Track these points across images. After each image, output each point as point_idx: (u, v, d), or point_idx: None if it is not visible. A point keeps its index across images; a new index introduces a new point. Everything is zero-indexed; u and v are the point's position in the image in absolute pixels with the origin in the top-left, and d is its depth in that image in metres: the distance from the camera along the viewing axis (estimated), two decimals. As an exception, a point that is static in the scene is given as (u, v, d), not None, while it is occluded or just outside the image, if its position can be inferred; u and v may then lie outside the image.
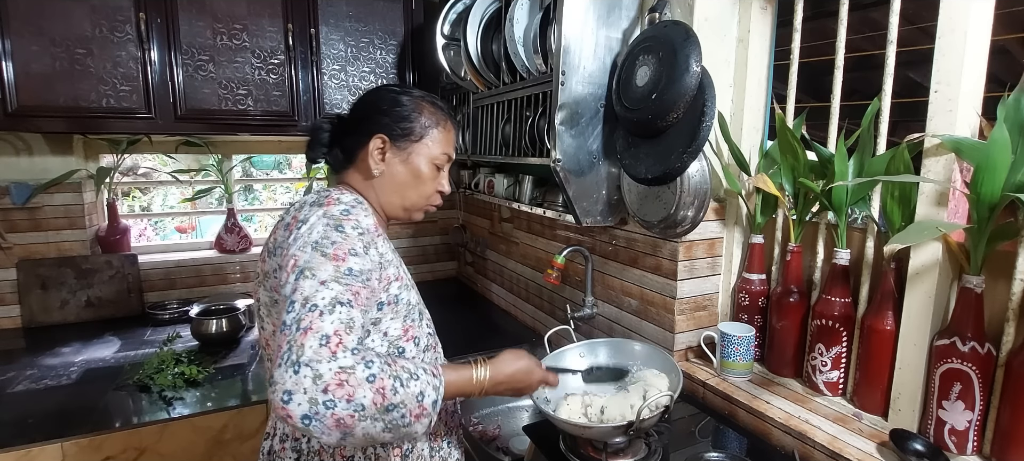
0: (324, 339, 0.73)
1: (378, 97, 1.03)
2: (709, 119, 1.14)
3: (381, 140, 0.99)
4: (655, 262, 1.48)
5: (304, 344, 0.72)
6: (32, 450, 1.33)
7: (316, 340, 0.72)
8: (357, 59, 2.18)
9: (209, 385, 1.65)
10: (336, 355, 0.72)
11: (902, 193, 1.10)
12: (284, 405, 0.69)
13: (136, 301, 2.28)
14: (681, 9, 1.37)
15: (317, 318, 0.75)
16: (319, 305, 0.76)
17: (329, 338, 0.73)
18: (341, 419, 0.70)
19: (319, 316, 0.75)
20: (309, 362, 0.70)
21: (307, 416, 0.69)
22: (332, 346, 0.73)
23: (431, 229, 2.86)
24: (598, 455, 1.12)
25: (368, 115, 1.01)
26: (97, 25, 1.79)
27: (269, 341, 0.95)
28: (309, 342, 0.72)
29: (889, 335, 1.12)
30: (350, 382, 0.71)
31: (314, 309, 0.75)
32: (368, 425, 0.73)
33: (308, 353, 0.71)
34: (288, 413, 0.69)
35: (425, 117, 1.02)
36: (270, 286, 0.91)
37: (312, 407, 0.69)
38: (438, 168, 1.05)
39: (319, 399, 0.69)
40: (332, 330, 0.74)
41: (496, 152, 1.77)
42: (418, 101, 1.03)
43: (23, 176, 2.08)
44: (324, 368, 0.70)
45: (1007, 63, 2.40)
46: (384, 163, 1.00)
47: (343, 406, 0.70)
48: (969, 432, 0.99)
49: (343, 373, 0.71)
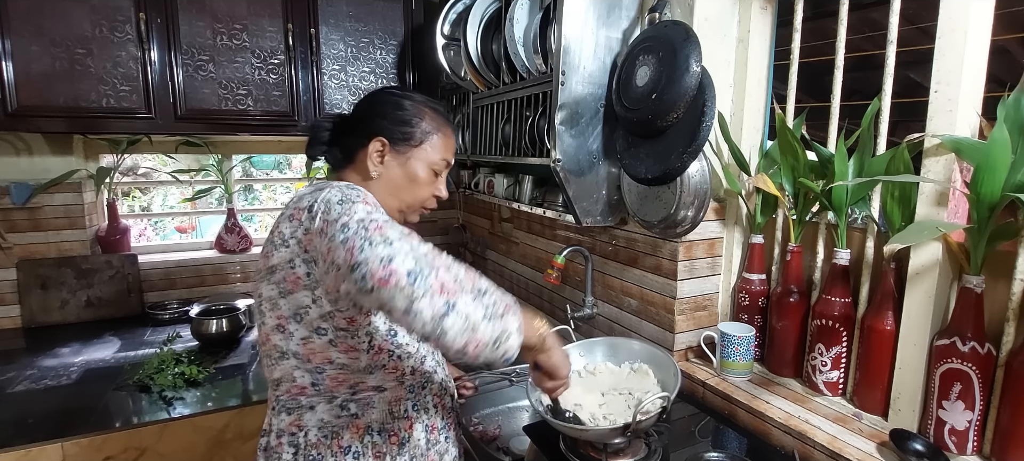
0: (403, 232, 0.74)
1: (380, 99, 1.04)
2: (709, 119, 1.14)
3: (380, 143, 1.00)
4: (655, 262, 1.48)
5: (385, 231, 0.72)
6: (32, 450, 1.33)
7: (396, 230, 0.74)
8: (357, 59, 2.18)
9: (209, 385, 1.65)
10: (416, 244, 0.74)
11: (902, 193, 1.10)
12: (386, 264, 0.68)
13: (136, 301, 2.28)
14: (681, 9, 1.37)
15: (385, 223, 0.76)
16: (380, 217, 0.77)
17: (407, 233, 0.75)
18: (444, 283, 0.70)
19: (386, 222, 0.76)
20: (400, 238, 0.72)
21: (412, 272, 0.68)
22: (412, 238, 0.74)
23: (431, 229, 2.86)
24: (598, 455, 1.12)
25: (369, 117, 1.02)
26: (97, 25, 1.79)
27: (270, 336, 0.94)
28: (389, 230, 0.73)
29: (889, 335, 1.12)
30: (442, 256, 0.73)
31: (377, 219, 0.76)
32: (469, 300, 0.73)
33: (394, 233, 0.72)
34: (392, 270, 0.68)
35: (426, 122, 1.02)
36: (279, 278, 0.90)
37: (417, 264, 0.69)
38: (436, 173, 1.06)
39: (422, 259, 0.70)
40: (402, 232, 0.75)
41: (496, 152, 1.77)
42: (419, 106, 1.03)
43: (23, 176, 2.08)
44: (416, 242, 0.72)
45: (1007, 63, 2.40)
46: (382, 165, 1.01)
47: (444, 271, 0.71)
48: (969, 432, 0.99)
49: (435, 250, 0.73)
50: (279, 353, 0.94)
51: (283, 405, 0.97)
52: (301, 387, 0.95)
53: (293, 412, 0.96)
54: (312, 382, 0.94)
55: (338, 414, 0.96)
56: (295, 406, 0.96)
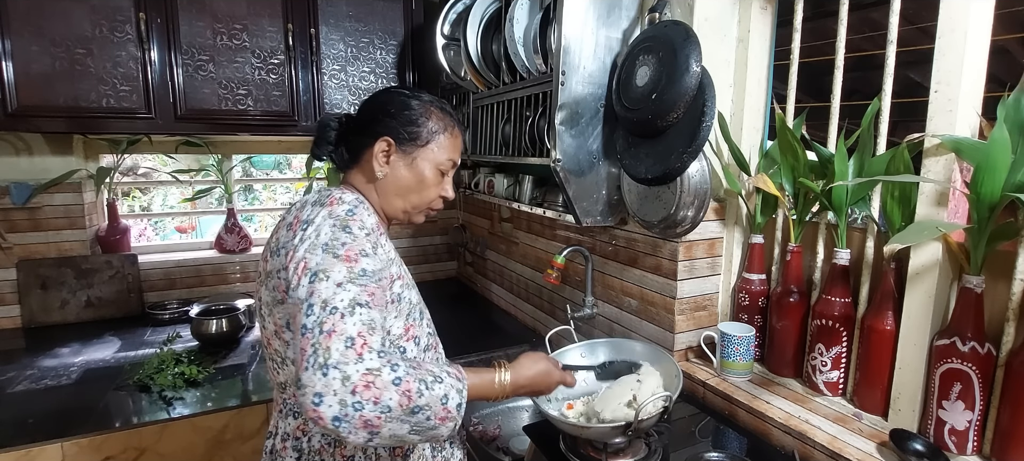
0: (349, 341, 0.74)
1: (387, 99, 1.02)
2: (709, 119, 1.14)
3: (386, 142, 0.99)
4: (655, 262, 1.48)
5: (330, 347, 0.73)
6: (32, 450, 1.33)
7: (341, 342, 0.73)
8: (357, 59, 2.18)
9: (209, 385, 1.65)
10: (362, 357, 0.73)
11: (902, 193, 1.10)
12: (315, 407, 0.70)
13: (136, 301, 2.28)
14: (681, 9, 1.37)
15: (339, 320, 0.75)
16: (339, 307, 0.77)
17: (354, 340, 0.74)
18: (369, 420, 0.72)
19: (341, 318, 0.76)
20: (336, 364, 0.72)
21: (337, 418, 0.70)
22: (357, 348, 0.74)
23: (431, 229, 2.86)
24: (598, 455, 1.12)
25: (376, 116, 1.01)
26: (97, 25, 1.79)
27: (271, 340, 0.94)
28: (334, 345, 0.73)
29: (889, 335, 1.12)
30: (377, 385, 0.72)
31: (334, 311, 0.76)
32: (395, 426, 0.74)
33: (335, 356, 0.72)
34: (319, 415, 0.70)
35: (433, 122, 1.02)
36: (272, 285, 0.90)
37: (342, 409, 0.70)
38: (442, 173, 1.05)
39: (348, 401, 0.70)
40: (355, 332, 0.75)
41: (496, 152, 1.77)
42: (427, 105, 1.02)
43: (23, 176, 2.08)
44: (351, 370, 0.72)
45: (1007, 63, 2.40)
46: (388, 165, 1.00)
47: (371, 408, 0.71)
48: (969, 432, 0.99)
49: (370, 375, 0.72)
50: (280, 358, 0.94)
51: (289, 408, 0.97)
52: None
53: (299, 416, 0.96)
54: None
55: None
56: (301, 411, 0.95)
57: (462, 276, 2.91)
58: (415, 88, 1.06)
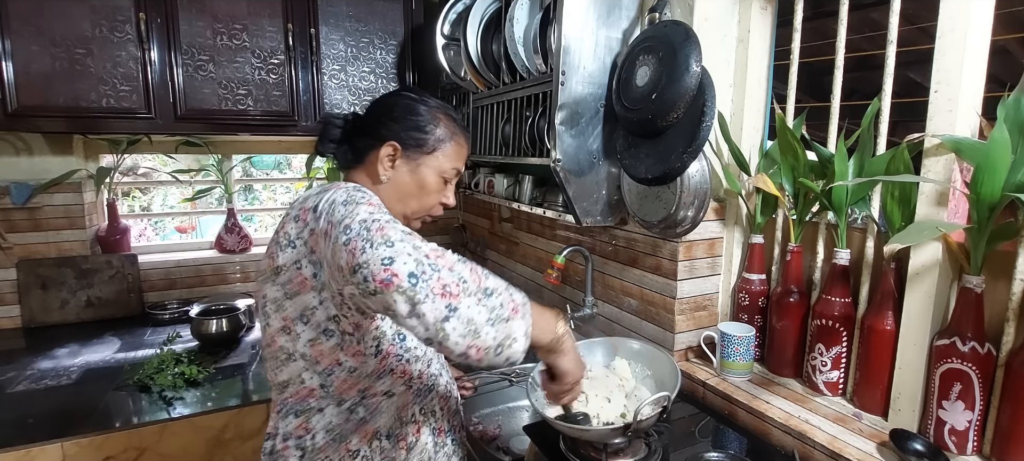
0: (405, 232, 0.73)
1: (395, 103, 1.02)
2: (709, 119, 1.14)
3: (392, 147, 0.98)
4: (655, 262, 1.48)
5: (387, 232, 0.71)
6: (32, 450, 1.33)
7: (397, 230, 0.72)
8: (357, 59, 2.18)
9: (209, 385, 1.65)
10: (422, 242, 0.72)
11: (902, 193, 1.10)
12: (387, 266, 0.66)
13: (136, 301, 2.28)
14: (681, 9, 1.37)
15: (388, 223, 0.74)
16: (380, 219, 0.74)
17: (409, 233, 0.73)
18: (446, 285, 0.69)
19: (389, 222, 0.74)
20: (401, 239, 0.70)
21: (413, 274, 0.67)
22: (415, 237, 0.73)
23: (431, 229, 2.86)
24: (598, 455, 1.12)
25: (383, 120, 1.00)
26: (97, 25, 1.79)
27: (275, 337, 0.93)
28: (391, 231, 0.71)
29: (889, 335, 1.12)
30: (446, 257, 0.71)
31: (377, 221, 0.73)
32: (472, 303, 0.71)
33: (396, 235, 0.71)
34: (393, 273, 0.66)
35: (440, 129, 1.01)
36: (285, 279, 0.88)
37: (418, 266, 0.68)
38: (445, 181, 1.04)
39: (424, 261, 0.68)
40: (406, 234, 0.73)
41: (496, 152, 1.77)
42: (435, 112, 1.02)
43: (23, 176, 2.08)
44: (419, 243, 0.71)
45: (1007, 63, 2.40)
46: (392, 170, 0.99)
47: (446, 273, 0.70)
48: (969, 432, 0.99)
49: (437, 251, 0.71)
50: (285, 355, 0.93)
51: (290, 408, 0.96)
52: (310, 389, 0.93)
53: (301, 415, 0.95)
54: (321, 384, 0.93)
55: (347, 417, 0.95)
56: (303, 409, 0.95)
57: (462, 276, 2.91)
58: (423, 92, 1.06)
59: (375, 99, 1.06)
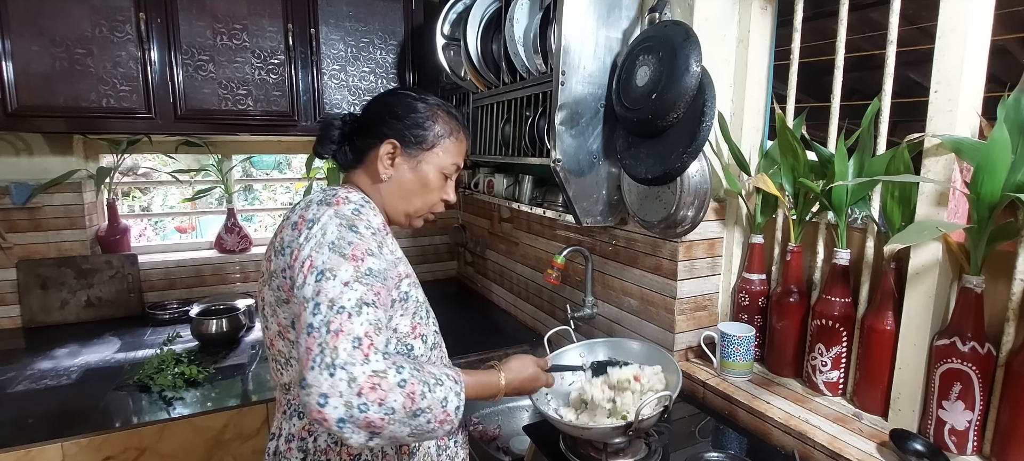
0: (356, 341, 0.74)
1: (394, 101, 1.02)
2: (709, 119, 1.14)
3: (392, 145, 0.98)
4: (655, 262, 1.48)
5: (337, 347, 0.73)
6: (32, 450, 1.33)
7: (348, 342, 0.73)
8: (357, 59, 2.18)
9: (209, 385, 1.65)
10: (368, 358, 0.73)
11: (902, 193, 1.10)
12: (320, 408, 0.70)
13: (136, 301, 2.28)
14: (681, 9, 1.37)
15: (346, 320, 0.75)
16: (346, 307, 0.76)
17: (360, 341, 0.74)
18: (372, 422, 0.72)
19: (348, 318, 0.75)
20: (344, 365, 0.71)
21: (342, 419, 0.70)
22: (364, 349, 0.74)
23: (431, 229, 2.86)
24: (598, 455, 1.12)
25: (382, 118, 1.00)
26: (97, 25, 1.79)
27: (274, 341, 0.94)
28: (342, 345, 0.73)
29: (889, 335, 1.12)
30: (382, 386, 0.72)
31: (342, 311, 0.76)
32: (396, 428, 0.74)
33: (342, 356, 0.72)
34: (324, 416, 0.70)
35: (439, 126, 1.01)
36: (276, 285, 0.90)
37: (347, 411, 0.70)
38: (446, 177, 1.05)
39: (354, 403, 0.70)
40: (362, 332, 0.75)
41: (496, 152, 1.77)
42: (433, 108, 1.02)
43: (23, 176, 2.08)
44: (358, 371, 0.72)
45: (1007, 63, 2.40)
46: (393, 168, 1.00)
47: (375, 409, 0.71)
48: (969, 432, 0.99)
49: (376, 377, 0.72)
50: (284, 358, 0.94)
51: (294, 409, 0.97)
52: None
53: (304, 417, 0.96)
54: None
55: None
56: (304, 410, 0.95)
57: (462, 276, 2.91)
58: (422, 90, 1.06)
59: (373, 98, 1.06)
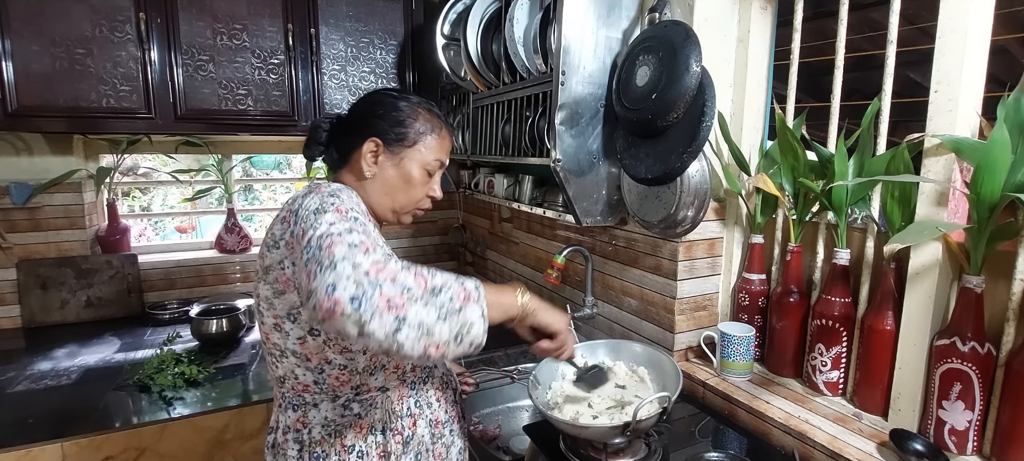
0: (352, 244, 0.74)
1: (375, 100, 1.04)
2: (709, 119, 1.14)
3: (374, 143, 1.00)
4: (655, 262, 1.48)
5: (334, 250, 0.72)
6: (32, 450, 1.33)
7: (344, 245, 0.73)
8: (357, 59, 2.18)
9: (209, 385, 1.65)
10: (369, 252, 0.73)
11: (902, 193, 1.10)
12: (330, 295, 0.68)
13: (136, 301, 2.28)
14: (681, 9, 1.37)
15: (338, 236, 0.75)
16: (337, 229, 0.76)
17: (356, 245, 0.74)
18: (391, 298, 0.69)
19: (339, 236, 0.75)
20: (344, 257, 0.71)
21: (355, 297, 0.68)
22: (362, 247, 0.74)
23: (431, 229, 2.86)
24: (598, 455, 1.12)
25: (364, 117, 1.03)
26: (97, 25, 1.79)
27: (270, 334, 0.96)
28: (338, 248, 0.72)
29: (889, 335, 1.12)
30: (389, 268, 0.72)
31: (332, 234, 0.75)
32: (420, 309, 0.72)
33: (341, 252, 0.72)
34: (335, 301, 0.67)
35: (420, 123, 1.03)
36: (272, 279, 0.91)
37: (358, 288, 0.68)
38: (430, 173, 1.06)
39: (363, 281, 0.69)
40: (358, 240, 0.75)
41: (496, 152, 1.77)
42: (415, 106, 1.04)
43: (23, 176, 2.08)
44: (360, 259, 0.71)
45: (1007, 63, 2.40)
46: (376, 166, 1.01)
47: (389, 286, 0.70)
48: (969, 432, 0.99)
49: (379, 264, 0.72)
50: (279, 351, 0.96)
51: (289, 402, 0.99)
52: (304, 385, 0.96)
53: (298, 409, 0.98)
54: (314, 381, 0.95)
55: (342, 413, 0.97)
56: (300, 403, 0.97)
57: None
58: (404, 90, 1.07)
59: (357, 99, 1.08)
